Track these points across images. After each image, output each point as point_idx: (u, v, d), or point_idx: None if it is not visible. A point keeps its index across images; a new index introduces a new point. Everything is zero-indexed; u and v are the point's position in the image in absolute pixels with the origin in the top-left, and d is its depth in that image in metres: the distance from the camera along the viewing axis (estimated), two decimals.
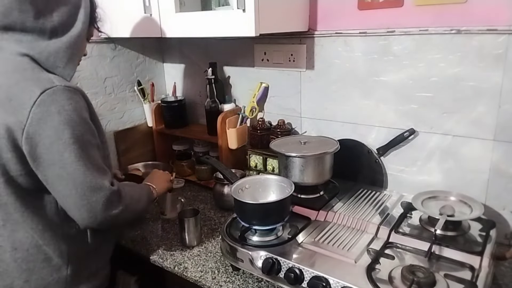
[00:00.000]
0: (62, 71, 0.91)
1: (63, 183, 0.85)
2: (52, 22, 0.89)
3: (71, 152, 0.84)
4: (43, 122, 0.82)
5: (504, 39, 1.04)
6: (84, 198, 0.85)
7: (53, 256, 0.93)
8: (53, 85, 0.84)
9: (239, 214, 1.08)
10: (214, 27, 1.22)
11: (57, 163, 0.84)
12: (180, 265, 1.14)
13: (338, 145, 1.24)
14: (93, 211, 0.86)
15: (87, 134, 0.88)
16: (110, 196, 0.88)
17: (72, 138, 0.84)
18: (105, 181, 0.88)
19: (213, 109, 1.58)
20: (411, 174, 1.29)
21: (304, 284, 0.91)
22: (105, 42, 1.62)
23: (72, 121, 0.84)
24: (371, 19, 1.24)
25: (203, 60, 1.71)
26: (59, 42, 0.91)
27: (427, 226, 1.07)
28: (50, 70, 0.90)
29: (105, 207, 0.87)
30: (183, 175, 1.68)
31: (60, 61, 0.91)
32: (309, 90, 1.44)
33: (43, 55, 0.89)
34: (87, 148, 0.87)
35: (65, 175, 0.84)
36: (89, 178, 0.85)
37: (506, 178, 1.13)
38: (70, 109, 0.84)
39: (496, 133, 1.11)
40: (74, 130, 0.84)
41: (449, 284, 0.85)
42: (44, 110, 0.82)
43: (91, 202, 0.86)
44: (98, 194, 0.86)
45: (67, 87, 0.86)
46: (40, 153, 0.83)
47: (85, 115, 0.89)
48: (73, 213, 0.88)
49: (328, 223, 1.12)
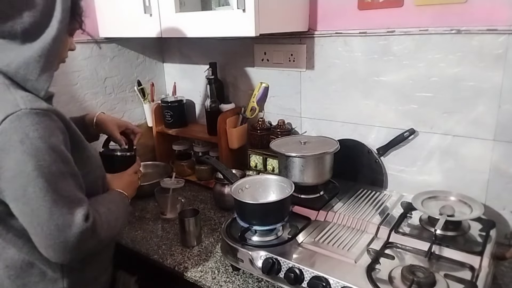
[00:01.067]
0: (34, 84, 0.80)
1: (27, 220, 0.77)
2: (22, 23, 0.78)
3: (35, 187, 0.74)
4: (5, 153, 0.73)
5: (504, 39, 1.04)
6: (50, 238, 0.76)
7: (47, 271, 0.89)
8: (17, 109, 0.74)
9: (239, 214, 1.08)
10: (214, 27, 1.22)
11: (20, 198, 0.75)
12: (180, 265, 1.14)
13: (338, 145, 1.24)
14: (61, 251, 0.77)
15: (57, 163, 0.77)
16: (81, 234, 0.78)
17: (36, 170, 0.74)
18: (75, 217, 0.77)
19: (213, 109, 1.58)
20: (411, 174, 1.29)
21: (304, 284, 0.91)
22: (105, 42, 1.63)
23: (37, 151, 0.74)
24: (371, 19, 1.24)
25: (203, 60, 1.71)
26: (30, 50, 0.79)
27: (427, 226, 1.07)
28: (21, 84, 0.80)
29: (75, 245, 0.78)
30: (183, 175, 1.68)
31: (31, 73, 0.79)
32: (309, 90, 1.45)
33: (11, 67, 0.78)
34: (55, 180, 0.76)
35: (29, 212, 0.75)
36: (56, 216, 0.75)
37: (506, 178, 1.13)
38: (35, 136, 0.74)
39: (496, 133, 1.11)
40: (38, 161, 0.74)
41: (449, 284, 0.85)
42: (5, 139, 0.73)
43: (58, 243, 0.76)
44: (66, 234, 0.76)
45: (34, 109, 0.75)
46: (3, 187, 0.76)
47: (54, 141, 0.77)
48: (42, 251, 0.79)
49: (328, 223, 1.12)
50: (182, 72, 1.84)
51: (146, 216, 1.45)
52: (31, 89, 0.80)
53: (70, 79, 1.53)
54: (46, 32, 0.80)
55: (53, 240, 0.76)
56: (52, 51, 0.81)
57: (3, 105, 0.75)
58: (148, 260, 1.21)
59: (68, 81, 1.53)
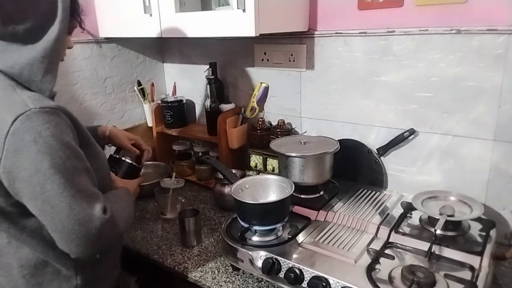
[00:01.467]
0: (39, 85, 0.81)
1: (48, 218, 0.77)
2: (24, 25, 0.78)
3: (53, 183, 0.75)
4: (19, 153, 0.74)
5: (504, 39, 1.04)
6: (72, 233, 0.77)
7: (61, 269, 0.90)
8: (26, 109, 0.75)
9: (239, 214, 1.08)
10: (214, 27, 1.22)
11: (39, 196, 0.76)
12: (180, 265, 1.14)
13: (338, 145, 1.24)
14: (84, 245, 0.79)
15: (71, 159, 0.78)
16: (102, 226, 0.80)
17: (53, 167, 0.75)
18: (95, 210, 0.79)
19: (213, 109, 1.58)
20: (411, 174, 1.29)
21: (304, 284, 0.91)
22: (105, 42, 1.63)
23: (50, 149, 0.75)
24: (371, 19, 1.24)
25: (203, 60, 1.71)
26: (34, 51, 0.79)
27: (427, 226, 1.07)
28: (26, 85, 0.80)
29: (97, 238, 0.80)
30: (183, 175, 1.68)
31: (36, 74, 0.80)
32: (309, 90, 1.45)
33: (15, 69, 0.79)
34: (72, 176, 0.78)
35: (49, 209, 0.76)
36: (76, 211, 0.77)
37: (506, 178, 1.13)
38: (48, 134, 0.75)
39: (496, 133, 1.11)
40: (53, 158, 0.75)
41: (449, 284, 0.85)
42: (18, 140, 0.74)
43: (81, 237, 0.78)
44: (88, 227, 0.78)
45: (43, 108, 0.76)
46: (20, 187, 0.76)
47: (66, 138, 0.79)
48: (63, 247, 0.80)
49: (328, 223, 1.12)
50: (182, 72, 1.84)
51: (146, 216, 1.45)
52: (36, 89, 0.81)
53: (70, 79, 1.53)
54: (48, 33, 0.81)
55: (75, 234, 0.77)
56: (54, 51, 0.82)
57: (12, 106, 0.76)
58: (148, 260, 1.21)
59: (68, 81, 1.52)
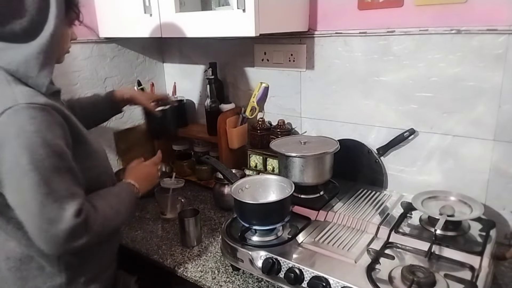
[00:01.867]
0: (35, 80, 0.82)
1: (22, 211, 0.80)
2: (21, 24, 0.80)
3: (29, 179, 0.76)
4: (3, 146, 0.76)
5: (504, 39, 1.04)
6: (42, 231, 0.78)
7: (45, 265, 0.90)
8: (15, 103, 0.76)
9: (239, 214, 1.08)
10: (214, 27, 1.22)
11: (15, 190, 0.78)
12: (180, 265, 1.14)
13: (338, 145, 1.24)
14: (52, 244, 0.79)
15: (51, 157, 0.78)
16: (71, 229, 0.78)
17: (31, 164, 0.76)
18: (66, 212, 0.78)
19: (213, 109, 1.58)
20: (411, 174, 1.29)
21: (304, 284, 0.91)
22: (105, 42, 1.63)
23: (32, 144, 0.76)
24: (371, 19, 1.24)
25: (203, 60, 1.71)
26: (29, 48, 0.81)
27: (427, 226, 1.07)
28: (23, 81, 0.82)
29: (65, 240, 0.79)
30: (183, 175, 1.68)
31: (32, 70, 0.82)
32: (309, 90, 1.44)
33: (12, 65, 0.81)
34: (49, 174, 0.78)
35: (23, 203, 0.79)
36: (47, 209, 0.77)
37: (506, 178, 1.13)
38: (31, 130, 0.76)
39: (496, 133, 1.11)
40: (33, 154, 0.76)
41: (449, 284, 0.85)
42: (3, 133, 0.76)
43: (49, 236, 0.78)
44: (56, 228, 0.77)
45: (32, 104, 0.77)
46: (1, 178, 0.79)
47: (50, 135, 0.78)
48: (36, 243, 0.81)
49: (328, 223, 1.12)
50: (182, 72, 1.84)
51: (146, 216, 1.45)
52: (32, 85, 0.82)
53: (70, 79, 1.53)
54: (45, 29, 0.82)
55: (43, 232, 0.78)
56: (50, 46, 0.83)
57: (2, 100, 0.77)
58: (148, 260, 1.21)
59: (68, 81, 1.52)
